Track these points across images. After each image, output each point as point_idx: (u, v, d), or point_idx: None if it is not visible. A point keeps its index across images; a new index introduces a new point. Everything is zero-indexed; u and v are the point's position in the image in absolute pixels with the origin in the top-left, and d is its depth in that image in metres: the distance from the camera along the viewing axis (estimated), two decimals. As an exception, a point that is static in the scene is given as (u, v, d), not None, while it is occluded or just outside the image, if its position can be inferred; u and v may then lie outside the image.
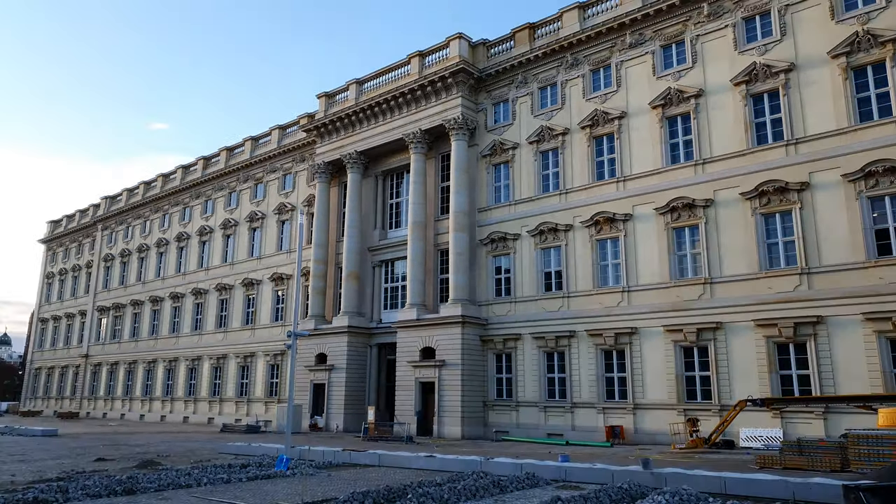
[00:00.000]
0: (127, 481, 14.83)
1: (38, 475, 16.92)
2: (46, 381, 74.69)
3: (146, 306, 61.44)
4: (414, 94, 39.44)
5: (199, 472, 15.96)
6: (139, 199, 66.21)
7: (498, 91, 37.70)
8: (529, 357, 33.75)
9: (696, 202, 29.34)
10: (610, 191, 32.29)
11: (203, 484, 14.45)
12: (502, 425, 34.03)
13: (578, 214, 33.08)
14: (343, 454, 19.41)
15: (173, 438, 32.45)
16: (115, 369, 63.52)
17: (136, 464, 18.80)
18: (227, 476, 15.21)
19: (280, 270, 48.96)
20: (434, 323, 35.73)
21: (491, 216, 36.72)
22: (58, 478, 16.18)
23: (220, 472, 16.04)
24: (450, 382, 34.49)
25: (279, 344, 47.50)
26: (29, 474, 17.17)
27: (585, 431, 30.98)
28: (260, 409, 47.56)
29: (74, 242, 76.35)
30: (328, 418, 40.41)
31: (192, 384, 54.28)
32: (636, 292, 30.72)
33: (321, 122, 45.07)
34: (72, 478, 16.06)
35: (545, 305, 33.65)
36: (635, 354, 30.25)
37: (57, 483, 14.97)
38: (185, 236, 58.76)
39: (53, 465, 19.26)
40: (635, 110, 32.06)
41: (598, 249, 32.40)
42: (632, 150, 31.91)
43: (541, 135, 35.18)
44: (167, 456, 21.85)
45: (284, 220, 50.20)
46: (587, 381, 31.58)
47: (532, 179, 35.30)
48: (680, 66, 31.04)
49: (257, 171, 53.32)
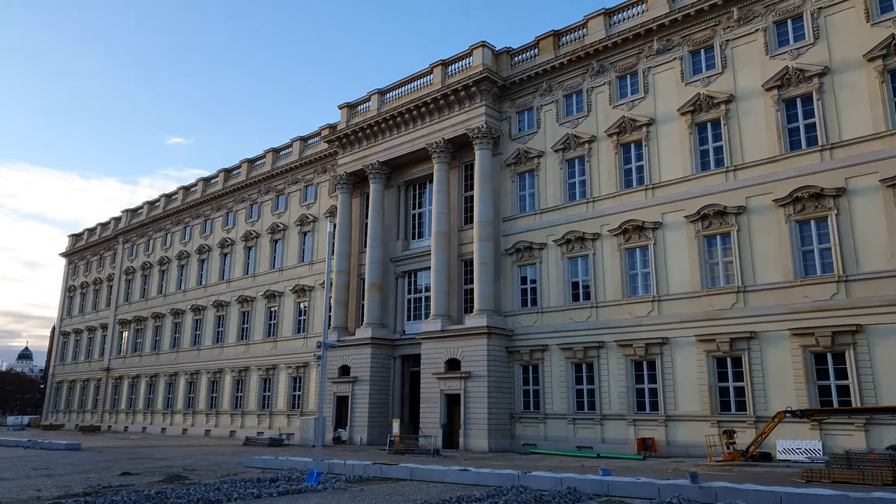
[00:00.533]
0: (155, 496, 14.50)
1: (64, 490, 16.63)
2: (68, 395, 75.01)
3: (167, 319, 61.55)
4: (437, 103, 39.22)
5: (228, 487, 15.58)
6: (160, 211, 66.56)
7: (522, 99, 37.37)
8: (557, 368, 33.12)
9: (727, 209, 28.69)
10: (638, 199, 31.73)
11: (233, 499, 14.06)
12: (529, 438, 33.37)
13: (606, 223, 32.53)
14: (373, 468, 18.95)
15: (197, 452, 32.17)
16: (136, 382, 63.60)
17: (163, 478, 18.47)
18: (257, 491, 14.82)
19: (302, 282, 48.78)
20: (459, 334, 35.25)
21: (516, 225, 36.27)
22: (84, 493, 15.88)
23: (249, 487, 15.65)
24: (476, 394, 33.93)
25: (301, 356, 47.23)
26: (55, 489, 16.90)
27: (615, 444, 30.26)
28: (282, 422, 47.23)
29: (96, 256, 76.90)
30: (351, 431, 39.96)
31: (214, 397, 54.12)
32: (666, 302, 30.06)
33: (343, 133, 44.99)
34: (98, 493, 15.76)
35: (573, 316, 33.05)
36: (666, 365, 29.54)
37: (84, 498, 14.68)
38: (207, 248, 58.88)
39: (79, 480, 18.99)
40: (664, 117, 31.55)
41: (626, 258, 31.80)
42: (660, 158, 31.37)
43: (567, 143, 34.74)
44: (193, 470, 21.53)
45: (306, 231, 50.08)
46: (617, 392, 30.89)
47: (558, 188, 34.84)
48: (709, 72, 30.52)
49: (279, 183, 53.35)
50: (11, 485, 18.00)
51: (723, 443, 25.80)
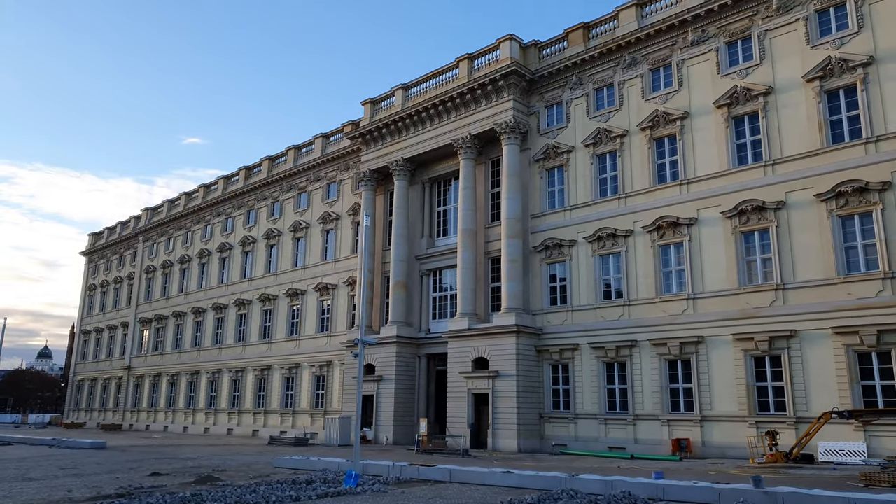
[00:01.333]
0: (192, 499, 14.06)
1: (96, 491, 16.21)
2: (89, 393, 75.30)
3: (189, 318, 61.50)
4: (463, 97, 38.64)
5: (265, 490, 15.10)
6: (181, 210, 66.54)
7: (551, 93, 36.69)
8: (588, 367, 32.43)
9: (766, 204, 27.84)
10: (673, 194, 30.96)
11: (272, 502, 13.57)
12: (559, 438, 32.70)
13: (639, 219, 31.78)
14: (410, 469, 18.41)
15: (223, 451, 31.85)
16: (157, 381, 63.64)
17: (194, 479, 18.05)
18: (295, 493, 14.32)
19: (325, 280, 48.41)
20: (487, 333, 34.65)
21: (545, 222, 35.59)
22: (117, 494, 15.45)
23: (286, 489, 15.15)
24: (504, 394, 33.32)
25: (325, 355, 46.85)
26: (85, 490, 16.50)
27: (649, 444, 29.52)
28: (305, 421, 46.90)
29: (116, 254, 77.14)
30: (377, 430, 39.49)
31: (236, 396, 53.94)
32: (702, 300, 29.26)
33: (366, 129, 44.54)
34: (132, 494, 15.34)
35: (604, 314, 32.33)
36: (702, 364, 28.75)
37: (117, 500, 14.27)
38: (228, 247, 58.73)
39: (108, 480, 18.61)
40: (699, 110, 30.74)
41: (660, 255, 31.03)
42: (695, 152, 30.57)
43: (597, 137, 34.02)
44: (223, 470, 21.12)
45: (329, 229, 49.70)
46: (650, 392, 30.14)
47: (588, 183, 34.13)
48: (746, 64, 29.66)
49: (300, 181, 53.04)
50: (40, 485, 17.66)
51: (765, 444, 24.99)
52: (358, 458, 16.61)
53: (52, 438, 36.55)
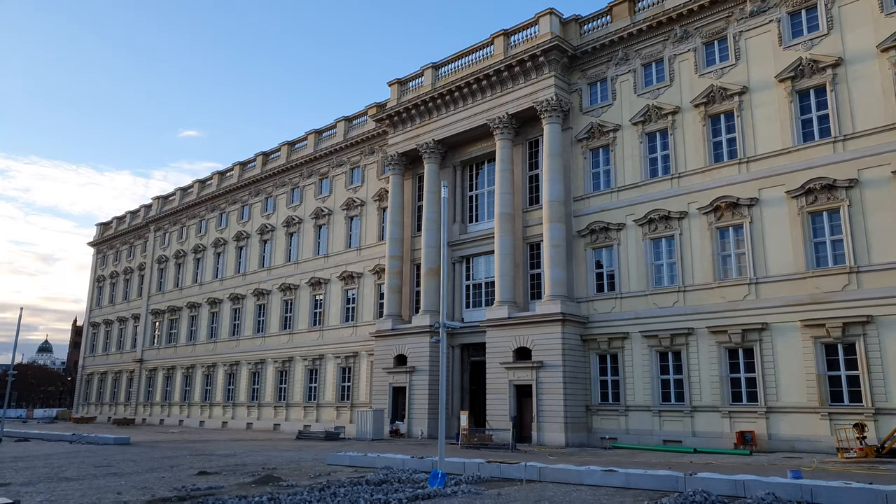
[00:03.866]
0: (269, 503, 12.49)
1: (149, 493, 14.56)
2: (99, 387, 73.72)
3: (204, 308, 59.87)
4: (500, 75, 36.88)
5: (346, 492, 13.50)
6: (194, 198, 64.77)
7: (594, 70, 34.94)
8: (639, 357, 30.85)
9: (836, 183, 26.18)
10: (731, 174, 29.28)
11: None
12: (608, 431, 31.17)
13: (694, 200, 30.12)
14: (489, 467, 16.83)
15: (257, 447, 30.29)
16: (171, 374, 62.08)
17: (252, 480, 16.42)
18: (384, 497, 12.72)
19: (350, 269, 46.76)
20: (529, 321, 33.05)
21: (590, 205, 33.92)
22: (177, 497, 13.82)
23: (368, 492, 13.54)
24: (549, 385, 31.75)
25: (351, 345, 45.28)
26: (136, 492, 14.85)
27: (708, 438, 27.98)
28: (331, 415, 45.38)
29: (126, 245, 75.41)
30: (410, 424, 37.97)
31: (256, 389, 52.39)
32: (765, 284, 27.63)
33: (394, 111, 42.79)
34: (192, 497, 13.74)
35: (656, 301, 30.73)
36: (766, 352, 27.16)
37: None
38: (245, 235, 57.04)
39: (154, 480, 17.00)
40: (758, 85, 29.01)
41: (717, 238, 29.39)
42: (755, 129, 28.87)
43: (647, 115, 32.31)
44: (273, 468, 19.52)
45: (353, 215, 48.01)
46: (709, 382, 28.57)
47: (637, 163, 32.44)
48: (812, 34, 27.92)
49: (322, 166, 51.31)
50: (82, 486, 16.05)
51: (848, 437, 23.43)
52: (443, 456, 15.06)
53: (72, 434, 34.94)
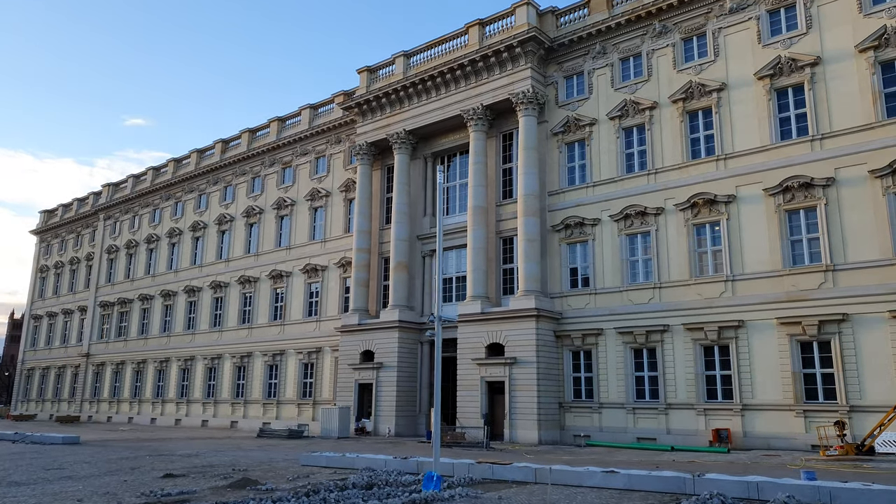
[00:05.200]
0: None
1: (115, 501, 13.17)
2: (41, 383, 70.04)
3: (157, 301, 57.37)
4: (475, 65, 36.10)
5: (336, 497, 12.47)
6: (147, 185, 62.02)
7: (570, 63, 34.48)
8: (613, 354, 30.55)
9: (814, 181, 26.30)
10: (708, 170, 29.20)
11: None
12: (581, 429, 30.79)
13: (671, 196, 29.95)
14: (481, 468, 16.02)
15: (218, 445, 28.79)
16: (120, 369, 59.33)
17: (227, 483, 15.18)
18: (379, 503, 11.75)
19: (314, 261, 45.32)
20: (503, 317, 32.40)
21: (565, 199, 33.47)
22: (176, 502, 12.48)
23: (364, 497, 12.53)
24: (522, 382, 31.19)
25: (313, 341, 43.89)
26: (99, 499, 13.43)
27: (683, 435, 27.85)
28: (292, 412, 43.90)
29: (72, 233, 71.88)
30: (376, 421, 36.89)
31: (212, 385, 50.40)
32: (742, 281, 27.62)
33: (363, 99, 41.55)
34: (176, 503, 12.49)
35: (632, 297, 30.47)
36: (742, 350, 27.15)
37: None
38: (202, 225, 54.84)
39: (116, 484, 15.55)
40: (737, 82, 28.99)
41: (694, 235, 29.28)
42: (734, 126, 28.84)
43: (624, 109, 32.01)
44: (244, 470, 18.27)
45: (317, 206, 46.54)
46: (684, 379, 28.44)
47: (614, 158, 32.12)
48: (791, 33, 28.01)
49: (285, 155, 49.62)
50: (35, 492, 14.51)
51: (828, 435, 23.51)
52: (437, 457, 14.15)
53: (15, 433, 32.56)
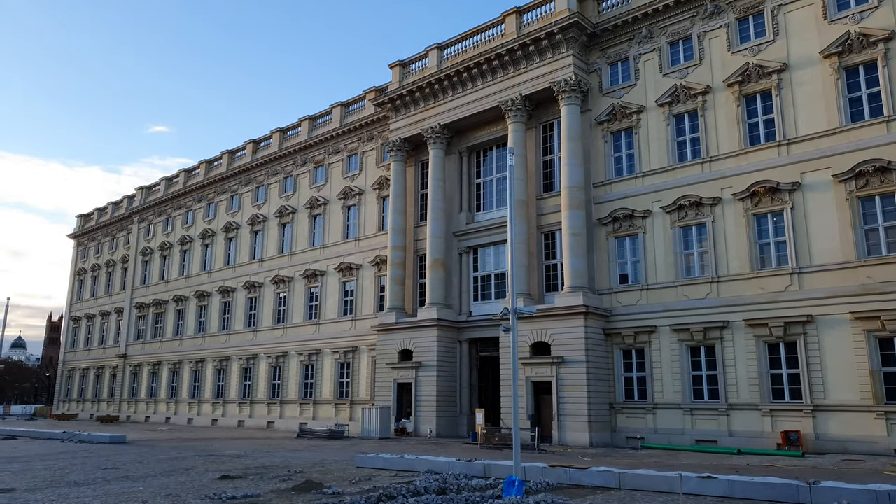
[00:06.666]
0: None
1: (181, 503, 12.22)
2: (81, 383, 70.58)
3: (191, 302, 57.09)
4: (513, 55, 34.84)
5: (418, 503, 11.35)
6: (180, 188, 61.92)
7: (615, 49, 33.04)
8: (668, 352, 29.05)
9: (891, 165, 24.52)
10: (769, 156, 27.54)
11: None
12: (634, 430, 29.34)
13: (728, 185, 28.35)
14: (556, 472, 14.81)
15: (263, 446, 27.99)
16: (157, 370, 59.23)
17: (291, 486, 14.25)
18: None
19: (348, 260, 44.45)
20: (549, 315, 31.07)
21: (612, 191, 32.04)
22: None
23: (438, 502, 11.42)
24: (571, 382, 29.85)
25: (349, 340, 43.03)
26: (163, 501, 12.52)
27: (746, 437, 26.26)
28: (328, 412, 43.08)
29: (107, 237, 72.23)
30: (417, 422, 35.84)
31: (247, 385, 49.86)
32: (810, 274, 25.94)
33: (397, 94, 40.55)
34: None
35: (687, 292, 28.93)
36: (811, 347, 25.45)
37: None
38: (235, 226, 54.38)
39: (176, 486, 14.70)
40: (800, 62, 27.29)
41: (755, 225, 27.65)
42: (796, 109, 27.15)
43: (674, 95, 30.48)
44: (300, 471, 17.35)
45: (350, 205, 45.67)
46: (746, 378, 26.84)
47: (664, 147, 30.61)
48: (860, 7, 26.22)
49: (317, 153, 48.87)
50: (96, 492, 13.73)
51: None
52: (518, 461, 12.97)
53: (63, 432, 32.32)
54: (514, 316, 14.49)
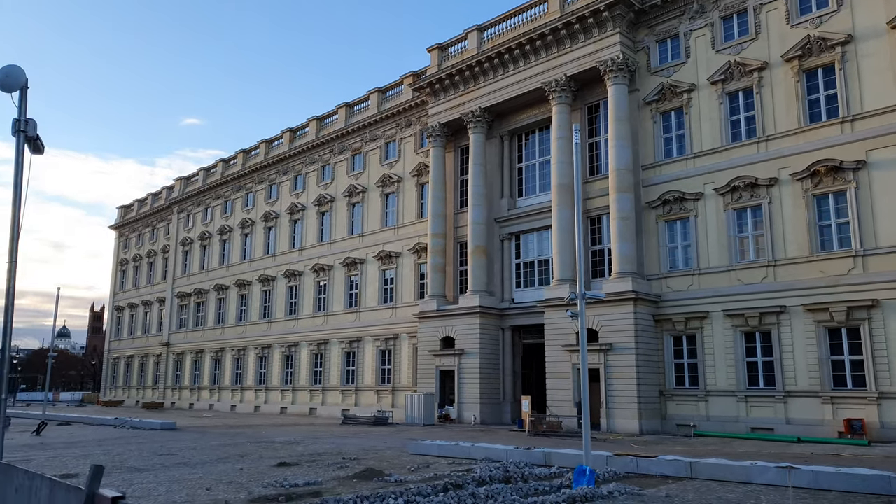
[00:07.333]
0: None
1: (245, 491, 11.99)
2: (126, 371, 72.12)
3: (232, 291, 57.65)
4: (557, 34, 33.98)
5: (487, 492, 10.96)
6: (218, 178, 62.42)
7: (663, 25, 31.96)
8: (721, 338, 28.15)
9: (961, 141, 23.22)
10: (831, 134, 26.33)
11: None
12: (685, 418, 28.56)
13: (786, 165, 27.21)
14: (621, 461, 14.33)
15: (310, 433, 28.00)
16: (200, 358, 60.06)
17: (352, 474, 14.00)
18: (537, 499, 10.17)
19: (387, 248, 44.24)
20: (596, 301, 30.31)
21: (661, 173, 31.10)
22: (284, 497, 11.22)
23: (511, 493, 10.99)
24: (620, 369, 29.16)
25: (390, 327, 42.88)
26: (226, 488, 12.36)
27: (804, 425, 25.30)
28: (370, 399, 43.07)
29: (148, 227, 73.37)
30: (460, 409, 35.53)
31: (289, 372, 50.19)
32: (875, 257, 24.77)
33: (435, 78, 40.00)
34: (301, 497, 11.18)
35: (741, 277, 27.95)
36: (877, 332, 24.34)
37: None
38: (274, 215, 54.60)
39: (234, 473, 14.57)
40: (866, 33, 25.94)
41: (814, 206, 26.51)
42: (862, 83, 25.85)
43: (728, 72, 29.34)
44: (355, 458, 17.14)
45: (389, 192, 45.39)
46: (805, 365, 25.83)
47: (717, 126, 29.54)
48: (929, -27, 24.84)
49: (354, 141, 48.65)
50: (158, 478, 13.67)
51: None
52: (588, 449, 12.51)
53: (115, 418, 32.98)
54: (581, 301, 13.98)
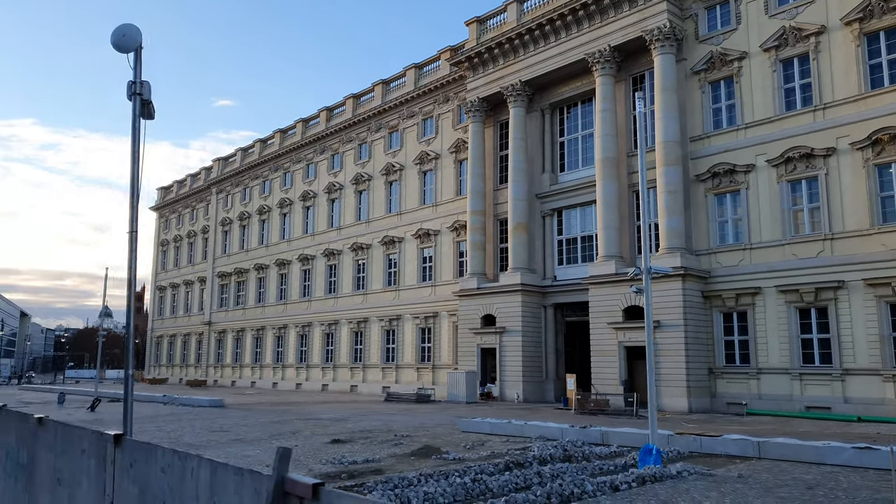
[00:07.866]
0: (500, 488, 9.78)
1: (304, 468, 11.94)
2: (169, 349, 73.77)
3: (272, 270, 58.23)
4: (600, 4, 33.01)
5: (552, 471, 10.74)
6: (255, 158, 62.76)
7: (713, -9, 30.78)
8: (773, 314, 27.35)
9: None
10: (894, 100, 25.12)
11: (595, 494, 9.22)
12: (736, 396, 27.94)
13: (845, 134, 26.09)
14: (684, 440, 13.97)
15: (356, 410, 28.19)
16: (241, 336, 61.02)
17: (410, 452, 13.94)
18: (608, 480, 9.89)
19: (425, 226, 44.02)
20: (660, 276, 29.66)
21: (710, 145, 30.15)
22: (346, 474, 11.19)
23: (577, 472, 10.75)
24: (669, 346, 28.57)
25: (429, 305, 42.82)
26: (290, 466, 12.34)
27: (864, 404, 24.50)
28: (410, 376, 43.23)
29: (188, 208, 74.37)
30: (502, 387, 35.39)
31: (330, 350, 50.65)
32: (940, 228, 23.70)
33: (474, 52, 39.32)
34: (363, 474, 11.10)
35: (795, 251, 27.04)
36: (942, 308, 23.37)
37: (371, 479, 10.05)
38: (312, 194, 54.78)
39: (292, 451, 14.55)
40: (932, -8, 24.61)
41: (876, 177, 25.40)
42: (927, 46, 24.57)
43: (782, 38, 28.15)
44: (407, 435, 17.11)
45: (426, 170, 45.05)
46: (864, 342, 24.95)
47: (769, 95, 28.43)
48: None
49: (391, 118, 48.31)
50: (218, 455, 13.63)
51: None
52: (654, 429, 12.19)
53: (163, 395, 33.70)
54: (647, 276, 13.55)
